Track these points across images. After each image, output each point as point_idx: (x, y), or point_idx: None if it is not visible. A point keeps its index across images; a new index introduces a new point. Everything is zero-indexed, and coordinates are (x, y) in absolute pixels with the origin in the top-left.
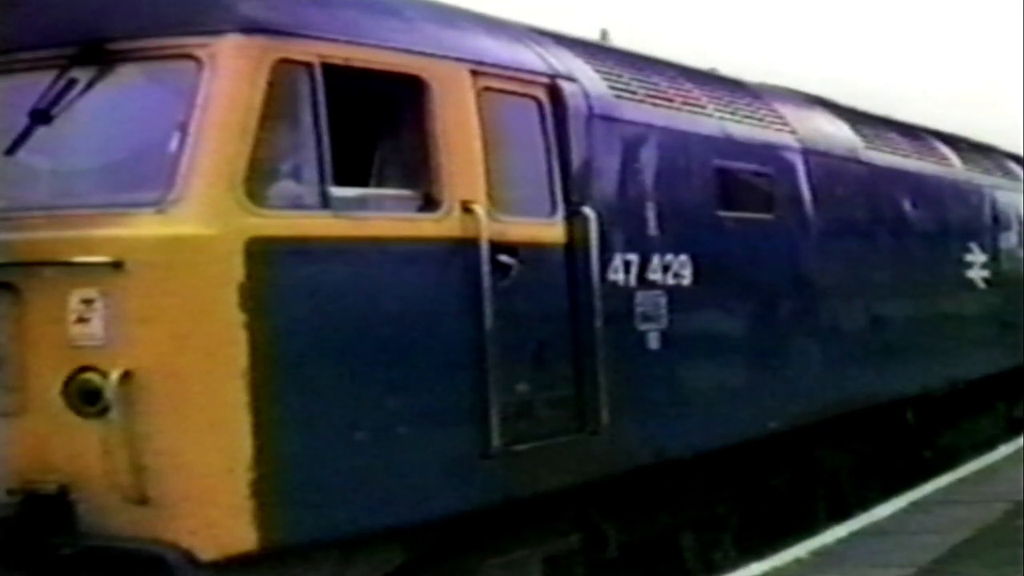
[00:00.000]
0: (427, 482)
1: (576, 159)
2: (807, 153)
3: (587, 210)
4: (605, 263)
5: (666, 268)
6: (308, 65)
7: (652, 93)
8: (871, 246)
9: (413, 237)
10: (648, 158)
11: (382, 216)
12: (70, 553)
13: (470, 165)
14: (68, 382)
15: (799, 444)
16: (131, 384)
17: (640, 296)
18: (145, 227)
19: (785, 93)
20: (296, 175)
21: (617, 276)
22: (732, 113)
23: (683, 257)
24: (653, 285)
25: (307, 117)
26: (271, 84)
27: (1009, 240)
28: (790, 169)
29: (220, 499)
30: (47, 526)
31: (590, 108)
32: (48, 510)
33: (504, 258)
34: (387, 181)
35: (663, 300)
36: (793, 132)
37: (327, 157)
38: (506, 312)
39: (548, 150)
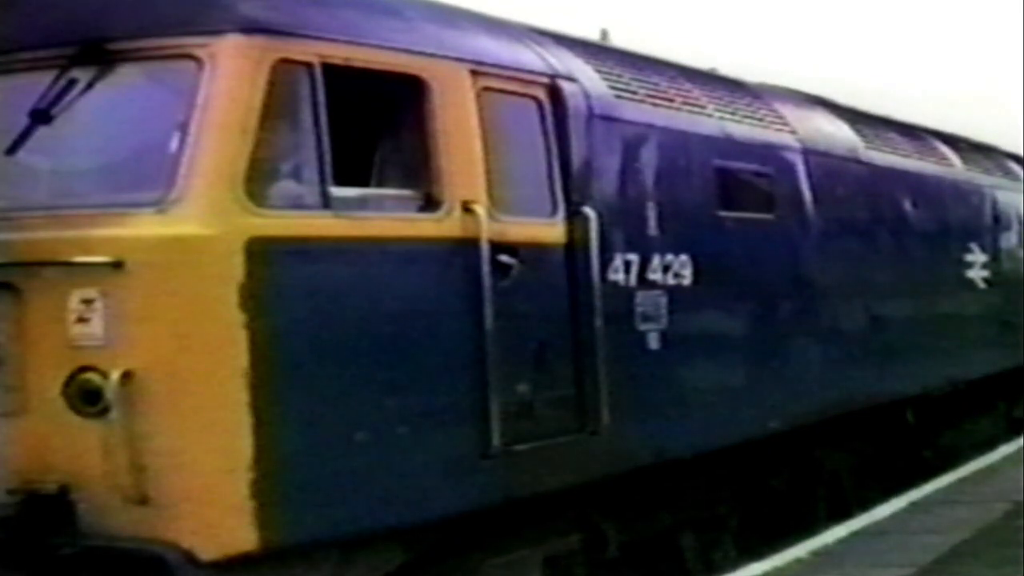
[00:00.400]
0: (427, 482)
1: (576, 159)
2: (807, 153)
3: (587, 210)
4: (605, 263)
5: (666, 268)
6: (308, 65)
7: (652, 93)
8: (871, 246)
9: (413, 237)
10: (648, 158)
11: (382, 216)
12: (70, 553)
13: (470, 165)
14: (68, 382)
15: (799, 444)
16: (131, 384)
17: (640, 296)
18: (145, 227)
19: (785, 93)
20: (296, 175)
21: (617, 276)
22: (732, 113)
23: (683, 257)
24: (653, 285)
25: (307, 117)
26: (271, 84)
27: (1009, 240)
28: (790, 169)
29: (220, 499)
30: (47, 526)
31: (590, 108)
32: (48, 510)
33: (504, 258)
34: (387, 181)
35: (663, 300)
36: (793, 132)
37: (327, 157)
38: (506, 312)
39: (548, 150)
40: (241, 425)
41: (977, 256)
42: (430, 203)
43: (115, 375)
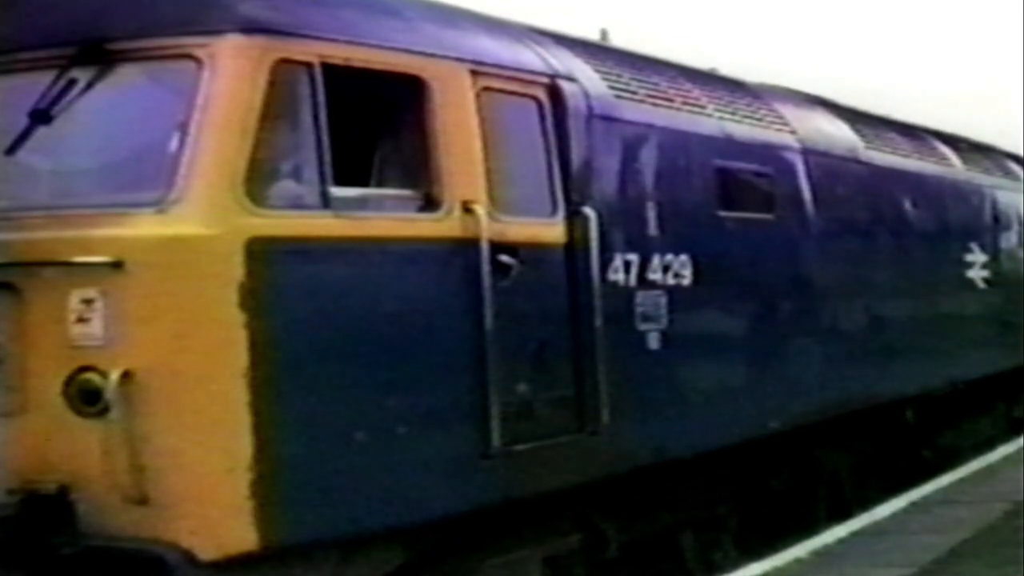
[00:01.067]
0: (427, 482)
1: (576, 159)
2: (807, 153)
3: (587, 210)
4: (605, 263)
5: (666, 268)
6: (308, 65)
7: (652, 93)
8: (871, 246)
9: (413, 237)
10: (648, 158)
11: (382, 216)
12: (70, 553)
13: (470, 165)
14: (68, 382)
15: (799, 444)
16: (131, 384)
17: (640, 296)
18: (145, 227)
19: (785, 93)
20: (296, 175)
21: (617, 276)
22: (732, 113)
23: (683, 257)
24: (653, 285)
25: (307, 117)
26: (271, 84)
27: (1009, 240)
28: (790, 169)
29: (220, 499)
30: (47, 526)
31: (590, 108)
32: (48, 510)
33: (504, 258)
34: (387, 181)
35: (663, 300)
36: (793, 132)
37: (327, 157)
38: (506, 312)
39: (548, 150)
40: (241, 425)
41: (977, 256)
42: (430, 203)
43: (115, 375)
